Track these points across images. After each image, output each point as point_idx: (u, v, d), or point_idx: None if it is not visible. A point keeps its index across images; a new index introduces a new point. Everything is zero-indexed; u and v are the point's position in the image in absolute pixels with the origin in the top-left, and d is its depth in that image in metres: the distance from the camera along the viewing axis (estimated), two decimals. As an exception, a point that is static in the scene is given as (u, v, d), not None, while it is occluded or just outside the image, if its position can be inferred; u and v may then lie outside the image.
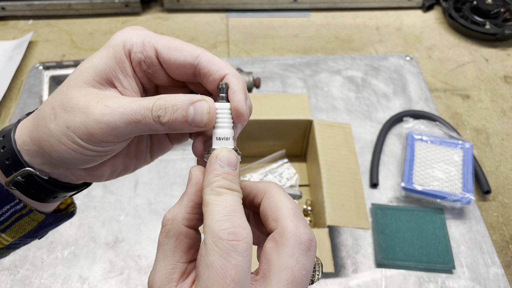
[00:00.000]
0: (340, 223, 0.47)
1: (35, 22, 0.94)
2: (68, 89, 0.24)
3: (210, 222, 0.20)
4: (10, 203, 0.28)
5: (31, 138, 0.26)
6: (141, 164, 0.30)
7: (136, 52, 0.24)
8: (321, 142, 0.54)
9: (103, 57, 0.24)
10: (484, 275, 0.54)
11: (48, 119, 0.24)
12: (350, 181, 0.51)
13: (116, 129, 0.23)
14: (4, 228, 0.29)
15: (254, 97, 0.59)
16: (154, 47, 0.24)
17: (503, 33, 0.87)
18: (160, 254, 0.23)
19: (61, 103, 0.24)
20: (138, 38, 0.24)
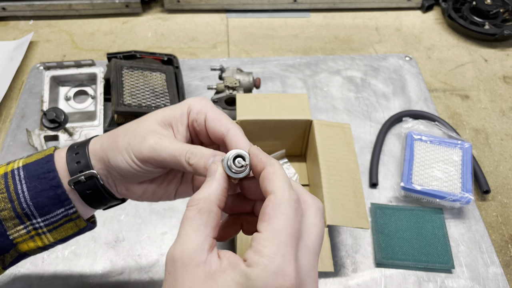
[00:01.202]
0: (339, 223, 0.47)
1: (36, 22, 0.95)
2: (140, 121, 0.33)
3: (281, 185, 0.26)
4: (65, 207, 0.33)
5: (102, 147, 0.33)
6: (166, 197, 0.37)
7: (193, 113, 0.33)
8: (320, 142, 0.54)
9: (172, 109, 0.33)
10: (483, 275, 0.54)
11: (120, 135, 0.33)
12: (350, 181, 0.51)
13: (159, 156, 0.31)
14: (52, 229, 0.34)
15: (254, 97, 0.60)
16: (205, 114, 0.33)
17: (502, 33, 0.87)
18: (190, 228, 0.26)
19: (133, 128, 0.33)
20: (199, 105, 0.33)
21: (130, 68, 0.66)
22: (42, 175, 0.33)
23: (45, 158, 0.34)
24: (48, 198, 0.33)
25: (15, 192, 0.32)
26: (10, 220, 0.33)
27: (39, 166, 0.33)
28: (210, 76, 0.79)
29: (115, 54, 0.71)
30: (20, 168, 0.33)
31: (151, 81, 0.67)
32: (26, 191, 0.32)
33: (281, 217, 0.25)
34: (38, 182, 0.33)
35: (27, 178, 0.33)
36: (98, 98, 0.69)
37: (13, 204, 0.32)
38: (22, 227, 0.33)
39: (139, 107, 0.62)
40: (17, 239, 0.33)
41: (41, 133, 0.67)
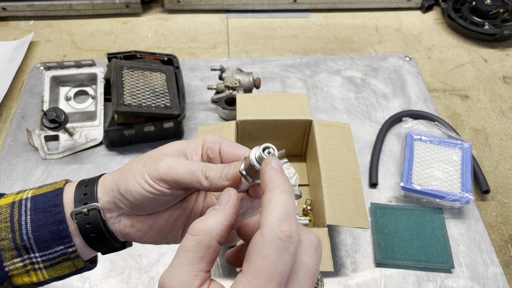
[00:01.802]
0: (339, 223, 0.47)
1: (36, 22, 0.95)
2: (157, 150, 0.33)
3: (271, 219, 0.23)
4: (65, 244, 0.32)
5: (112, 177, 0.33)
6: (172, 236, 0.35)
7: (207, 142, 0.33)
8: (320, 142, 0.54)
9: (187, 141, 0.33)
10: (483, 275, 0.54)
11: (133, 163, 0.32)
12: (350, 181, 0.51)
13: (176, 173, 0.30)
14: (49, 266, 0.33)
15: (254, 97, 0.60)
16: (220, 143, 0.33)
17: (502, 33, 0.87)
18: (185, 259, 0.25)
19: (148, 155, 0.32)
20: (214, 137, 0.34)
21: (130, 68, 0.67)
22: (48, 208, 0.32)
23: (54, 192, 0.33)
24: (50, 233, 0.32)
25: (18, 223, 0.32)
26: (8, 251, 0.32)
27: (47, 199, 0.33)
28: (210, 76, 0.79)
29: (115, 54, 0.71)
30: (28, 199, 0.33)
31: (151, 81, 0.67)
32: (30, 223, 0.32)
33: (260, 259, 0.23)
34: (43, 215, 0.32)
35: (33, 210, 0.32)
36: (99, 98, 0.69)
37: (14, 235, 0.32)
38: (19, 260, 0.33)
39: (139, 107, 0.62)
40: (13, 271, 0.33)
41: (41, 133, 0.67)
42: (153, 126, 0.64)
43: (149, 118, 0.64)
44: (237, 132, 0.57)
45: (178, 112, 0.64)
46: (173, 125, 0.64)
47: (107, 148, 0.67)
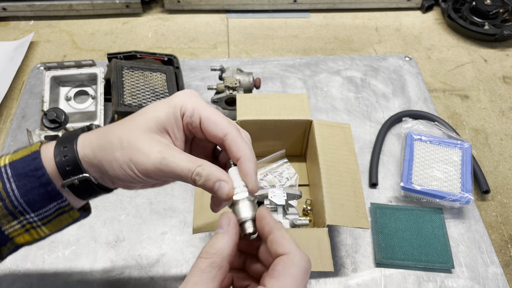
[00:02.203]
0: (339, 223, 0.47)
1: (36, 22, 0.95)
2: (136, 129, 0.32)
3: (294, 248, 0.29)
4: (57, 201, 0.33)
5: (94, 154, 0.32)
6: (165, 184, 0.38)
7: (187, 116, 0.33)
8: (320, 142, 0.54)
9: (165, 112, 0.32)
10: (483, 275, 0.54)
11: (115, 147, 0.32)
12: (350, 181, 0.51)
13: (165, 174, 0.31)
14: (46, 222, 0.34)
15: (254, 97, 0.60)
16: (199, 116, 0.33)
17: (502, 33, 0.87)
18: (199, 279, 0.28)
19: (128, 139, 0.31)
20: (191, 105, 0.33)
21: (130, 69, 0.67)
22: (30, 172, 0.32)
23: (31, 155, 0.33)
24: (39, 195, 0.33)
25: (4, 191, 0.32)
26: (3, 217, 0.33)
27: (26, 164, 0.33)
28: (210, 76, 0.80)
29: (115, 54, 0.71)
30: (6, 166, 0.33)
31: (151, 81, 0.67)
32: (16, 190, 0.32)
33: (289, 277, 0.28)
34: (27, 180, 0.32)
35: (15, 176, 0.32)
36: (99, 98, 0.69)
37: (4, 203, 0.32)
38: (16, 223, 0.33)
39: (140, 107, 0.62)
40: (13, 233, 0.34)
41: (41, 133, 0.67)
42: (153, 126, 0.64)
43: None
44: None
45: (178, 112, 0.64)
46: (173, 125, 0.64)
47: (107, 148, 0.67)
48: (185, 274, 0.53)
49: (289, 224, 0.50)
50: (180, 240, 0.56)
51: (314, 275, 0.53)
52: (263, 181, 0.61)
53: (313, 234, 0.46)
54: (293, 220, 0.49)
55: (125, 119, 0.34)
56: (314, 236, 0.46)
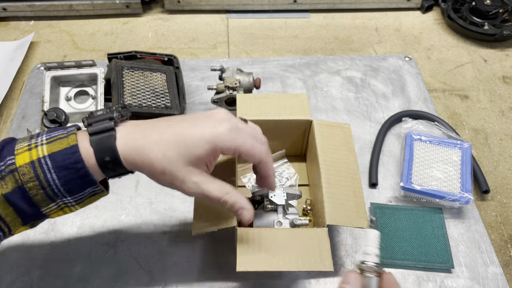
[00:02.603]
0: (339, 223, 0.47)
1: (37, 23, 0.95)
2: (178, 163, 0.37)
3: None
4: (92, 186, 0.37)
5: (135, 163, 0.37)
6: None
7: (228, 151, 0.39)
8: (320, 142, 0.54)
9: (207, 151, 0.37)
10: (482, 274, 0.54)
11: (158, 172, 0.37)
12: (350, 181, 0.51)
13: (200, 196, 0.39)
14: (80, 202, 0.38)
15: (254, 97, 0.60)
16: (239, 153, 0.39)
17: (501, 33, 0.87)
18: None
19: (171, 171, 0.37)
20: (231, 146, 0.38)
21: (130, 69, 0.67)
22: (70, 165, 0.35)
23: (70, 149, 0.36)
24: (78, 184, 0.36)
25: (45, 180, 0.35)
26: (43, 201, 0.36)
27: (66, 157, 0.35)
28: (210, 77, 0.80)
29: (115, 54, 0.71)
30: (46, 158, 0.35)
31: (151, 81, 0.67)
32: (57, 179, 0.35)
33: None
34: (67, 172, 0.35)
35: (56, 168, 0.35)
36: (99, 99, 0.69)
37: (45, 191, 0.36)
38: (53, 204, 0.37)
39: (140, 107, 0.62)
40: (49, 212, 0.38)
41: (42, 133, 0.67)
42: (154, 126, 0.64)
43: (150, 118, 0.64)
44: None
45: (178, 112, 0.64)
46: (173, 125, 0.64)
47: (107, 148, 0.67)
48: (185, 274, 0.53)
49: (289, 224, 0.50)
50: (180, 240, 0.56)
51: (314, 275, 0.53)
52: None
53: (313, 234, 0.46)
54: (293, 220, 0.50)
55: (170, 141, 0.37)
56: (314, 236, 0.46)
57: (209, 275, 0.53)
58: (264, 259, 0.44)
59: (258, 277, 0.53)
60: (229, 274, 0.53)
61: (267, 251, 0.44)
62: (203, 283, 0.52)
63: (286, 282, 0.53)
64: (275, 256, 0.44)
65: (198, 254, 0.55)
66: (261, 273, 0.53)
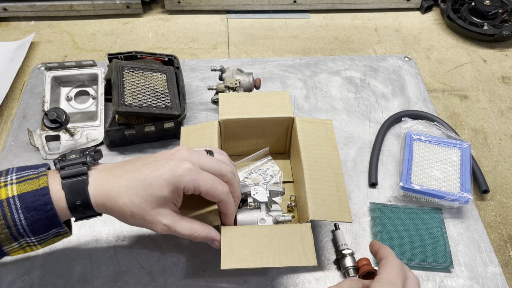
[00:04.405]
0: (322, 218, 0.47)
1: (37, 23, 0.95)
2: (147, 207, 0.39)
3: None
4: (57, 228, 0.38)
5: (105, 208, 0.40)
6: None
7: (188, 191, 0.41)
8: (302, 138, 0.55)
9: (170, 192, 0.39)
10: (482, 274, 0.55)
11: (128, 216, 0.40)
12: (332, 176, 0.51)
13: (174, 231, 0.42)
14: (42, 242, 0.39)
15: (236, 96, 0.60)
16: (199, 191, 0.41)
17: (501, 34, 0.88)
18: None
19: (141, 214, 0.39)
20: (192, 185, 0.40)
21: (131, 69, 0.67)
22: (39, 207, 0.36)
23: (41, 191, 0.36)
24: (44, 225, 0.37)
25: (12, 220, 0.35)
26: (6, 241, 0.37)
27: (35, 198, 0.36)
28: (211, 77, 0.80)
29: (116, 54, 0.71)
30: (15, 197, 0.36)
31: (152, 81, 0.67)
32: (24, 220, 0.36)
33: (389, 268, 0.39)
34: (35, 212, 0.36)
35: (24, 209, 0.36)
36: (99, 99, 0.70)
37: (10, 230, 0.36)
38: (16, 244, 0.37)
39: (140, 107, 0.62)
40: (10, 251, 0.38)
41: (42, 133, 0.67)
42: (154, 126, 0.64)
43: (150, 118, 0.64)
44: (220, 131, 0.57)
45: (179, 112, 0.64)
46: (174, 125, 0.65)
47: (108, 148, 0.67)
48: (185, 274, 0.53)
49: (272, 221, 0.50)
50: (180, 240, 0.56)
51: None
52: (247, 180, 0.61)
53: (296, 230, 0.46)
54: (276, 216, 0.50)
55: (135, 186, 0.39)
56: (297, 232, 0.46)
57: (209, 275, 0.53)
58: (248, 256, 0.44)
59: (256, 274, 0.53)
60: (229, 274, 0.53)
61: (251, 248, 0.44)
62: (203, 283, 0.52)
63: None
64: (259, 253, 0.44)
65: (199, 254, 0.55)
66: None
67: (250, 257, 0.44)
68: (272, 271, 0.54)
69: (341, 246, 0.53)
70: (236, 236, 0.45)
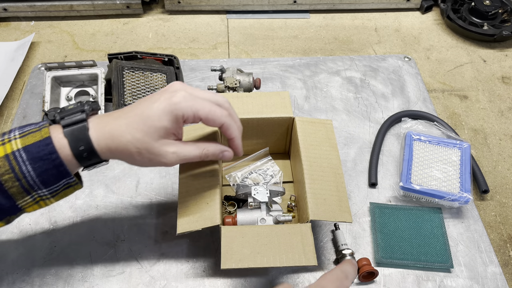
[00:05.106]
0: (322, 218, 0.47)
1: (37, 23, 0.95)
2: (150, 140, 0.39)
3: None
4: (66, 178, 0.39)
5: (111, 152, 0.40)
6: None
7: (188, 120, 0.41)
8: (302, 138, 0.55)
9: (170, 122, 0.40)
10: (482, 274, 0.55)
11: (134, 153, 0.40)
12: (332, 176, 0.51)
13: (182, 162, 0.43)
14: (55, 194, 0.40)
15: (236, 96, 0.60)
16: (199, 118, 0.41)
17: (501, 34, 0.88)
18: None
19: (146, 148, 0.40)
20: (191, 111, 0.40)
21: (131, 69, 0.67)
22: (44, 156, 0.37)
23: (44, 141, 0.37)
24: (53, 175, 0.38)
25: (20, 172, 0.36)
26: (18, 194, 0.38)
27: (40, 149, 0.37)
28: (211, 77, 0.80)
29: (116, 54, 0.71)
30: (20, 150, 0.37)
31: (152, 81, 0.67)
32: (32, 171, 0.37)
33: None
34: (42, 163, 0.37)
35: (30, 160, 0.36)
36: (99, 99, 0.70)
37: (20, 182, 0.37)
38: (29, 197, 0.38)
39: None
40: (24, 206, 0.39)
41: (42, 133, 0.67)
42: (154, 126, 0.64)
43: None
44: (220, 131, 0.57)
45: (179, 112, 0.64)
46: (174, 125, 0.65)
47: (107, 148, 0.68)
48: (185, 274, 0.53)
49: (272, 221, 0.50)
50: (181, 240, 0.56)
51: (314, 275, 0.54)
52: (247, 179, 0.61)
53: (296, 230, 0.46)
54: (276, 216, 0.50)
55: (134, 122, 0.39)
56: (297, 232, 0.46)
57: (209, 275, 0.53)
58: (248, 256, 0.44)
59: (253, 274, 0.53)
60: (229, 274, 0.53)
61: (251, 248, 0.44)
62: (203, 283, 0.52)
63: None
64: (259, 252, 0.44)
65: (199, 253, 0.55)
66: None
67: (250, 257, 0.44)
68: (272, 271, 0.54)
69: (341, 246, 0.53)
70: (236, 236, 0.45)
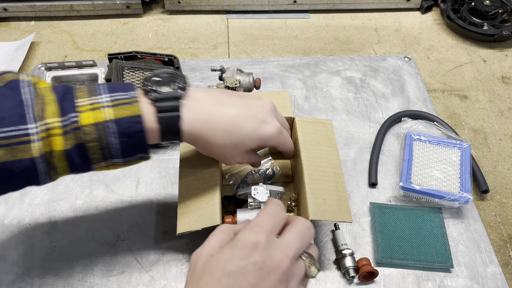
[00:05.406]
0: (322, 218, 0.47)
1: (37, 23, 0.95)
2: (235, 153, 0.45)
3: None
4: (143, 153, 0.41)
5: (194, 141, 0.43)
6: None
7: (268, 146, 0.48)
8: (302, 138, 0.55)
9: (256, 144, 0.45)
10: (482, 274, 0.55)
11: (214, 153, 0.45)
12: (332, 176, 0.51)
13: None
14: (126, 163, 0.41)
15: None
16: (280, 148, 0.49)
17: (501, 34, 0.88)
18: None
19: (225, 155, 0.45)
20: (275, 143, 0.47)
21: (131, 69, 0.67)
22: (134, 133, 0.38)
23: (135, 118, 0.38)
24: (133, 150, 0.40)
25: (107, 143, 0.38)
26: (97, 160, 0.39)
27: (130, 125, 0.38)
28: (211, 77, 0.80)
29: (116, 54, 0.71)
30: (113, 122, 0.37)
31: (151, 81, 0.67)
32: (118, 144, 0.38)
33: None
34: (129, 139, 0.38)
35: (119, 133, 0.38)
36: (99, 99, 0.70)
37: (103, 151, 0.38)
38: (104, 163, 0.40)
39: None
40: (97, 168, 0.40)
41: (42, 133, 0.67)
42: (154, 126, 0.64)
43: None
44: None
45: (179, 112, 0.64)
46: (174, 125, 0.65)
47: (107, 148, 0.68)
48: (185, 273, 0.53)
49: None
50: (181, 239, 0.56)
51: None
52: (247, 179, 0.61)
53: None
54: None
55: (228, 131, 0.43)
56: None
57: (209, 275, 0.53)
58: None
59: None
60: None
61: None
62: (203, 283, 0.52)
63: None
64: None
65: (198, 253, 0.55)
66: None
67: None
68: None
69: (341, 246, 0.53)
70: None
